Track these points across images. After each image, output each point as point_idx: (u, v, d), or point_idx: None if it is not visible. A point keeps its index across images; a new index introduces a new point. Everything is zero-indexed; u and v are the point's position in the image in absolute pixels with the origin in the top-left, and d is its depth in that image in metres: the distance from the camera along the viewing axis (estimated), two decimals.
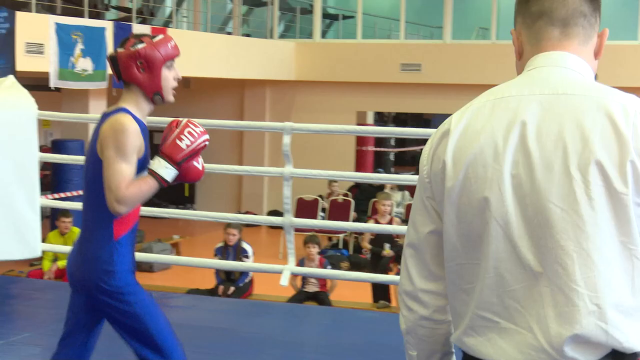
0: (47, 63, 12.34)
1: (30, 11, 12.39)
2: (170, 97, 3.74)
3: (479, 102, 2.01)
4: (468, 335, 1.98)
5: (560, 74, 1.99)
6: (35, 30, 12.16)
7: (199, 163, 3.92)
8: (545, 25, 2.03)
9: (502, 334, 1.92)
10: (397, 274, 10.26)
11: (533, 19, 2.05)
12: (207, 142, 3.74)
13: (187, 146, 3.60)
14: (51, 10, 13.31)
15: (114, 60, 3.66)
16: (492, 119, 1.93)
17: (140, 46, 3.62)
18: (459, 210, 1.96)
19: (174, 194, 18.01)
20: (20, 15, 11.84)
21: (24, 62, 11.85)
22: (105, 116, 3.66)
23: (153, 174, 3.54)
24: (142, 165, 3.60)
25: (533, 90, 1.95)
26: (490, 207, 1.90)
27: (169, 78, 3.70)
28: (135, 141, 3.54)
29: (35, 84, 12.40)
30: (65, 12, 13.50)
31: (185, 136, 3.60)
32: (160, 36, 3.75)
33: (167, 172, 3.55)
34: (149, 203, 3.89)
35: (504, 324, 1.91)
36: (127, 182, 3.47)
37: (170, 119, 3.90)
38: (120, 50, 3.67)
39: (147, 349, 3.67)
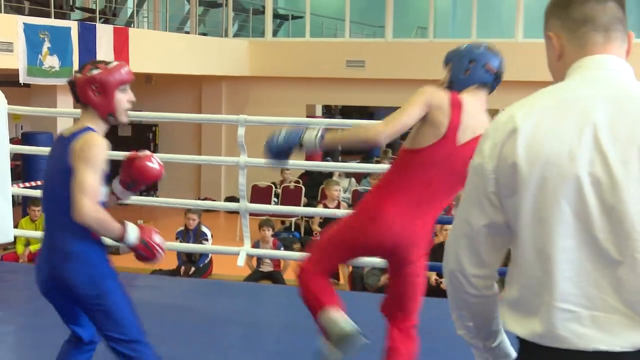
0: (17, 60, 12.22)
1: None
2: (123, 118, 3.76)
3: (542, 102, 1.99)
4: (545, 327, 1.96)
5: (611, 75, 2.01)
6: (4, 29, 12.01)
7: (153, 163, 3.99)
8: (589, 31, 2.05)
9: (586, 322, 1.91)
10: None
11: (576, 24, 2.06)
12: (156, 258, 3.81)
13: (154, 244, 3.71)
14: (19, 11, 13.15)
15: (72, 84, 3.72)
16: (561, 120, 1.93)
17: (95, 72, 3.67)
18: (535, 208, 1.95)
19: None
20: None
21: None
22: (73, 135, 3.64)
23: (123, 225, 3.58)
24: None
25: (594, 91, 1.96)
26: (569, 204, 1.90)
27: (122, 101, 3.71)
28: (104, 156, 3.57)
29: (5, 80, 12.26)
30: (33, 13, 13.34)
31: (156, 239, 3.73)
32: (115, 63, 3.78)
33: (132, 236, 3.60)
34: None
35: (585, 312, 1.91)
36: (96, 192, 3.48)
37: (134, 113, 3.88)
38: (78, 75, 3.72)
39: (115, 332, 3.71)
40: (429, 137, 3.49)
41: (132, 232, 3.61)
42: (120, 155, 9.29)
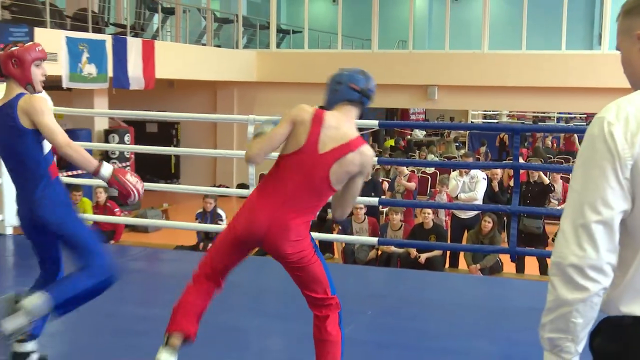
0: (60, 68, 12.20)
1: (45, 27, 12.19)
2: (39, 87, 3.85)
3: None
4: None
5: None
6: (50, 42, 11.93)
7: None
8: None
9: None
10: (339, 232, 10.27)
11: None
12: (131, 195, 3.86)
13: (126, 180, 3.79)
14: (62, 26, 13.10)
15: None
16: None
17: (14, 49, 3.77)
18: None
19: (163, 171, 17.90)
20: (37, 31, 11.64)
21: None
22: (11, 101, 3.73)
23: (100, 162, 3.77)
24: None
25: None
26: None
27: (37, 74, 3.80)
28: (47, 104, 3.79)
29: (51, 85, 12.16)
30: (74, 28, 13.29)
31: (130, 178, 3.82)
32: (31, 43, 3.89)
33: (106, 171, 3.73)
34: (143, 179, 3.90)
35: None
36: (61, 131, 3.72)
37: (159, 113, 3.88)
38: (0, 52, 3.79)
39: (80, 252, 3.81)
40: (291, 146, 3.52)
41: (106, 168, 3.74)
42: (146, 149, 9.27)
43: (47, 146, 3.82)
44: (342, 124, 3.58)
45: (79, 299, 3.82)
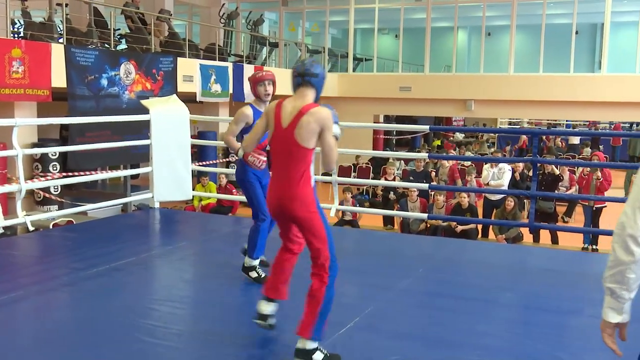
0: (195, 87, 12.41)
1: (185, 57, 12.43)
2: (263, 98, 4.43)
3: None
4: None
5: None
6: (188, 68, 12.20)
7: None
8: None
9: None
10: (399, 209, 10.17)
11: None
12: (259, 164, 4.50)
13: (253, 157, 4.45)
14: (197, 56, 13.35)
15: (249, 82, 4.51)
16: None
17: (249, 76, 4.53)
18: None
19: None
20: (180, 60, 11.89)
21: (182, 86, 11.91)
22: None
23: (239, 149, 4.11)
24: (248, 130, 4.29)
25: None
26: None
27: (261, 90, 4.44)
28: (243, 117, 4.37)
29: (188, 99, 12.42)
30: (205, 57, 13.53)
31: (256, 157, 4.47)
32: (259, 73, 4.48)
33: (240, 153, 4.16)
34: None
35: None
36: (231, 130, 4.44)
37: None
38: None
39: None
40: None
41: (240, 152, 4.12)
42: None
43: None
44: (296, 103, 3.40)
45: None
